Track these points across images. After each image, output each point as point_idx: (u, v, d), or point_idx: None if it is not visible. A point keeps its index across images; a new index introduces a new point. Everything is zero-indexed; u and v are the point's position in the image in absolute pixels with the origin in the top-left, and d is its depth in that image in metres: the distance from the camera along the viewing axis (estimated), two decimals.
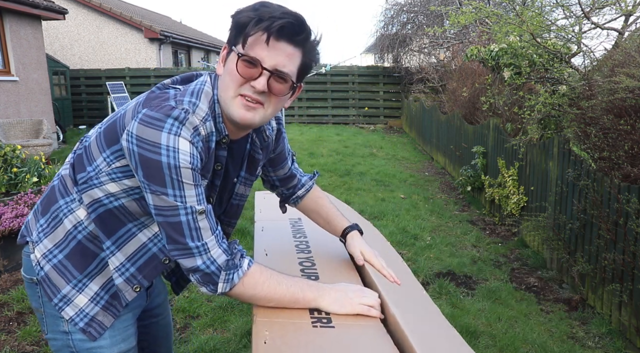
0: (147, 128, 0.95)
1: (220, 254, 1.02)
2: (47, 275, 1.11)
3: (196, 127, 0.99)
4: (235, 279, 1.03)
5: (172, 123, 0.96)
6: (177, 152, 0.95)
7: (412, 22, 12.05)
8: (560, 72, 4.01)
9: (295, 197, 1.46)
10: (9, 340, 2.59)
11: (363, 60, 26.37)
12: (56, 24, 13.11)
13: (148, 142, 0.95)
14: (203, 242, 1.00)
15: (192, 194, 0.98)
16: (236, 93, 1.02)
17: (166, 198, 0.97)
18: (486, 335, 2.70)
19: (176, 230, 0.99)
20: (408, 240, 4.18)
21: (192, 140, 0.98)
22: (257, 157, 1.23)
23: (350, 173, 6.91)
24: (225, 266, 1.02)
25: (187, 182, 0.97)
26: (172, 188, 0.96)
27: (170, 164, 0.95)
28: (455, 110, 6.75)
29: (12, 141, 6.99)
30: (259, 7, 0.99)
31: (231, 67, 1.01)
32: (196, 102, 1.02)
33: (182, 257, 1.00)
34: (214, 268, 1.01)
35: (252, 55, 0.99)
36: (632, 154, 2.76)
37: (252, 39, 0.98)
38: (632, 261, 2.60)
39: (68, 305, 1.11)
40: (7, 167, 4.34)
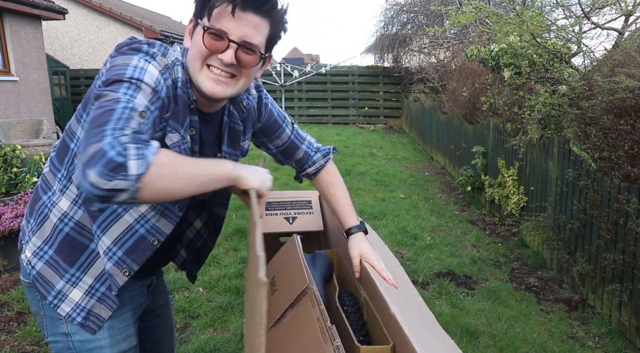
0: (119, 56, 0.95)
1: (127, 134, 0.81)
2: (40, 272, 1.10)
3: (167, 65, 0.99)
4: (149, 156, 0.79)
5: (142, 55, 0.96)
6: (145, 70, 0.93)
7: (412, 22, 12.05)
8: (560, 72, 4.00)
9: (305, 174, 1.43)
10: (9, 340, 2.59)
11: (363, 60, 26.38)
12: (56, 24, 13.11)
13: (117, 64, 0.93)
14: (123, 129, 0.81)
15: (143, 101, 0.88)
16: (203, 64, 1.01)
17: (113, 93, 0.86)
18: (486, 335, 2.70)
19: (102, 118, 0.82)
20: (408, 240, 4.18)
21: (162, 72, 0.97)
22: (238, 129, 1.19)
23: (350, 173, 6.91)
24: (133, 140, 0.79)
25: (144, 92, 0.90)
26: (126, 88, 0.88)
27: (133, 75, 0.90)
28: (455, 110, 6.75)
29: (12, 141, 6.99)
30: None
31: (198, 40, 1.00)
32: (166, 51, 1.03)
33: (88, 144, 0.78)
34: (119, 144, 0.77)
35: (218, 27, 0.97)
36: (632, 154, 2.76)
37: (217, 11, 0.97)
38: (632, 261, 2.60)
39: (63, 301, 1.09)
40: (7, 167, 4.35)
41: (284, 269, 1.41)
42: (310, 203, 1.93)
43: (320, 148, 1.45)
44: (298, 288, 1.20)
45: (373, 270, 1.27)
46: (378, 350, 1.05)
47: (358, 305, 1.32)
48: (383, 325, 1.10)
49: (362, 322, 1.25)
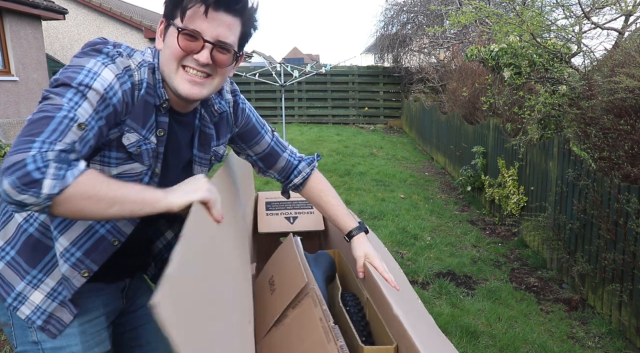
0: (79, 58, 0.94)
1: (54, 151, 0.80)
2: (0, 274, 1.07)
3: (128, 67, 0.98)
4: (68, 178, 0.79)
5: (102, 57, 0.95)
6: (98, 76, 0.92)
7: (412, 22, 12.05)
8: (560, 72, 4.01)
9: (292, 185, 1.40)
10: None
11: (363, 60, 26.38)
12: (56, 24, 13.10)
13: (73, 66, 0.93)
14: (55, 142, 0.80)
15: (88, 111, 0.88)
16: (178, 65, 1.02)
17: (58, 98, 0.86)
18: (486, 335, 2.70)
19: (38, 123, 0.81)
20: (408, 240, 4.18)
21: (119, 75, 0.96)
22: (209, 133, 1.18)
23: (350, 173, 6.91)
24: (56, 159, 0.79)
25: (90, 101, 0.89)
26: (72, 94, 0.88)
27: (83, 81, 0.89)
28: (455, 110, 6.75)
29: (12, 141, 6.99)
30: None
31: (171, 41, 1.00)
32: (132, 52, 1.03)
33: (14, 152, 0.78)
34: (42, 164, 0.77)
35: (192, 27, 0.98)
36: (632, 154, 2.76)
37: (190, 12, 0.97)
38: (632, 261, 2.60)
39: (23, 303, 1.06)
40: None
41: (282, 268, 1.41)
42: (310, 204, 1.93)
43: (303, 157, 1.43)
44: (297, 286, 1.20)
45: (375, 271, 1.27)
46: (381, 351, 1.05)
47: (360, 305, 1.32)
48: (386, 326, 1.10)
49: (365, 322, 1.25)
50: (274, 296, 1.31)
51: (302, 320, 1.12)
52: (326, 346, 0.97)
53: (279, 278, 1.37)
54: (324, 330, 1.02)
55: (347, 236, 1.36)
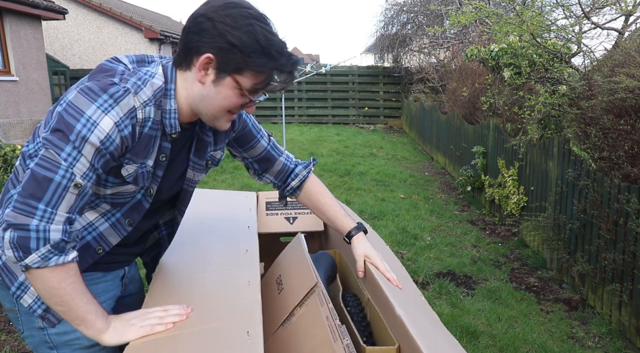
0: (81, 96, 0.95)
1: (57, 230, 0.93)
2: (5, 263, 1.09)
3: (132, 109, 0.98)
4: (51, 262, 0.93)
5: (105, 99, 0.95)
6: (96, 127, 0.94)
7: (412, 22, 12.04)
8: (560, 72, 4.01)
9: (289, 189, 1.40)
10: (9, 340, 2.59)
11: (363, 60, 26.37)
12: (56, 24, 13.10)
13: (75, 108, 0.94)
14: (55, 211, 0.92)
15: (85, 166, 0.95)
16: (226, 112, 1.07)
17: (57, 153, 0.92)
18: (486, 335, 2.70)
19: (40, 184, 0.91)
20: (408, 240, 4.18)
21: (119, 122, 0.96)
22: (206, 140, 1.20)
23: (350, 173, 6.91)
24: (54, 244, 0.92)
25: (87, 156, 0.94)
26: (70, 149, 0.93)
27: (81, 133, 0.93)
28: (455, 110, 6.75)
29: (12, 141, 6.99)
30: (273, 53, 1.00)
31: (230, 97, 1.03)
32: (141, 86, 1.00)
33: (18, 211, 0.90)
34: (42, 238, 0.91)
35: (257, 93, 1.05)
36: (632, 154, 2.76)
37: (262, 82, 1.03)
38: (632, 261, 2.60)
39: (26, 292, 1.09)
40: (7, 167, 4.35)
41: (290, 268, 1.41)
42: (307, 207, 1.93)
43: (299, 162, 1.44)
44: (306, 286, 1.20)
45: (377, 271, 1.27)
46: (384, 351, 1.05)
47: (361, 305, 1.32)
48: (388, 326, 1.10)
49: (366, 323, 1.25)
50: (282, 295, 1.32)
51: (309, 318, 1.12)
52: (332, 345, 0.97)
53: (287, 278, 1.37)
54: (330, 329, 1.02)
55: (347, 237, 1.36)
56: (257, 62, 0.99)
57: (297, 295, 1.22)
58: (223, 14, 0.99)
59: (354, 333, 1.10)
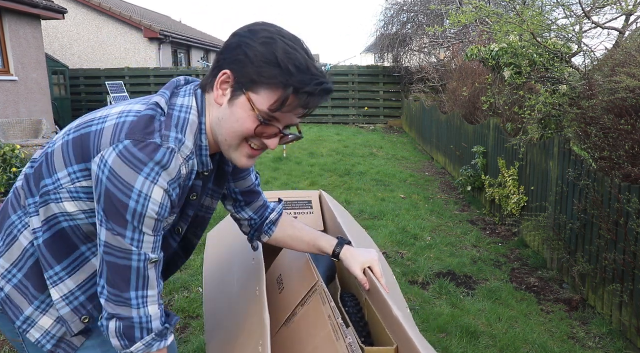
0: (125, 166, 0.88)
1: (157, 316, 0.97)
2: (8, 296, 1.04)
3: (179, 171, 0.93)
4: (153, 348, 0.97)
5: (152, 168, 0.89)
6: (149, 200, 0.90)
7: (412, 22, 12.04)
8: (561, 72, 4.00)
9: (269, 222, 1.32)
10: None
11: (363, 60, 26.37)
12: (55, 23, 13.09)
13: (121, 181, 0.88)
14: (145, 293, 0.94)
15: (150, 242, 0.94)
16: (243, 141, 0.98)
17: (122, 240, 0.91)
18: (486, 336, 2.69)
19: (122, 275, 0.92)
20: (408, 240, 4.17)
21: (168, 189, 0.92)
22: (227, 170, 1.16)
23: (350, 173, 6.90)
24: (158, 333, 0.97)
25: (148, 231, 0.92)
26: (132, 232, 0.91)
27: (136, 211, 0.89)
28: (456, 110, 6.74)
29: (12, 141, 6.98)
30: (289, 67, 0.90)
31: (245, 120, 0.94)
32: (182, 139, 0.94)
33: (115, 303, 0.93)
34: (146, 328, 0.95)
35: (274, 116, 0.94)
36: (632, 154, 2.76)
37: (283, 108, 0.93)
38: (632, 261, 2.59)
39: (33, 327, 1.04)
40: (7, 167, 4.34)
41: (290, 267, 1.40)
42: (310, 204, 1.92)
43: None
44: (307, 285, 1.20)
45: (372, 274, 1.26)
46: (382, 352, 1.05)
47: (360, 306, 1.31)
48: (386, 327, 1.10)
49: (364, 323, 1.25)
50: (284, 295, 1.31)
51: (311, 317, 1.12)
52: (335, 343, 0.97)
53: (288, 277, 1.37)
54: (333, 328, 1.02)
55: (334, 256, 1.29)
56: (270, 74, 0.90)
57: (298, 294, 1.22)
58: (249, 29, 0.94)
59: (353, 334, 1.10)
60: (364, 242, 1.55)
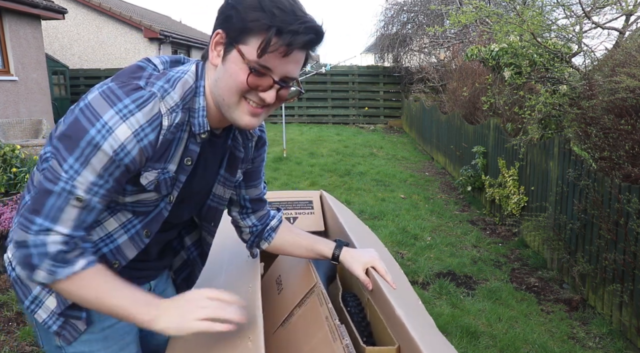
0: (101, 99, 0.88)
1: (56, 242, 0.88)
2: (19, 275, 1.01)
3: (156, 116, 0.90)
4: (58, 275, 0.89)
5: (126, 105, 0.87)
6: (110, 134, 0.86)
7: (412, 22, 12.04)
8: (561, 72, 4.00)
9: (269, 229, 1.30)
10: (9, 340, 2.58)
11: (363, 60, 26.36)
12: (55, 23, 13.09)
13: (92, 111, 0.87)
14: (52, 225, 0.87)
15: (87, 179, 0.87)
16: (240, 98, 0.94)
17: (60, 164, 0.86)
18: (486, 336, 2.69)
19: (42, 198, 0.87)
20: (408, 240, 4.17)
21: (137, 131, 0.88)
22: (238, 155, 1.13)
23: (350, 173, 6.91)
24: (53, 255, 0.88)
25: (94, 166, 0.87)
26: (74, 159, 0.86)
27: (93, 140, 0.85)
28: (456, 110, 6.74)
29: (12, 141, 6.98)
30: (272, 9, 0.88)
31: (236, 72, 0.92)
32: (168, 90, 0.92)
33: (20, 226, 0.88)
34: (41, 254, 0.88)
35: (264, 64, 0.90)
36: (632, 154, 2.76)
37: (269, 52, 0.89)
38: (632, 261, 2.59)
39: (40, 307, 1.04)
40: (7, 167, 4.34)
41: (289, 268, 1.40)
42: (311, 204, 1.92)
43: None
44: (306, 287, 1.20)
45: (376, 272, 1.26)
46: (384, 351, 1.05)
47: (361, 306, 1.31)
48: (388, 327, 1.10)
49: (366, 323, 1.25)
50: (282, 296, 1.31)
51: (308, 318, 1.12)
52: (332, 344, 0.97)
53: (287, 278, 1.37)
54: (330, 329, 1.02)
55: (333, 259, 1.28)
56: (252, 17, 0.88)
57: (296, 295, 1.22)
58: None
59: (354, 334, 1.10)
60: (369, 240, 1.55)
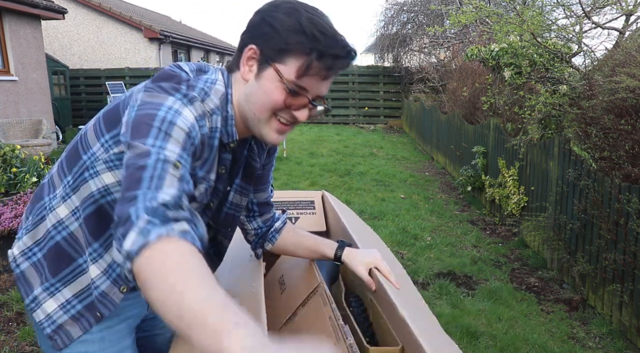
0: (155, 93, 0.87)
1: (162, 200, 0.74)
2: (24, 272, 1.06)
3: (203, 114, 0.92)
4: (151, 233, 0.68)
5: (180, 97, 0.88)
6: (179, 113, 0.85)
7: (412, 22, 12.04)
8: (561, 72, 4.00)
9: (273, 231, 1.31)
10: (9, 340, 2.58)
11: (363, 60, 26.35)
12: (55, 23, 13.09)
13: (151, 103, 0.85)
14: (156, 192, 0.74)
15: (175, 150, 0.82)
16: (272, 115, 0.96)
17: (142, 145, 0.80)
18: (486, 336, 2.70)
19: (134, 177, 0.76)
20: (408, 240, 4.18)
21: (198, 118, 0.89)
22: (254, 165, 1.14)
23: (350, 173, 6.91)
24: (154, 211, 0.71)
25: (176, 138, 0.83)
26: (154, 138, 0.81)
27: (165, 118, 0.83)
28: (456, 110, 6.75)
29: (12, 141, 6.98)
30: (314, 32, 0.89)
31: (271, 90, 0.93)
32: (208, 93, 0.94)
33: (121, 210, 0.73)
34: (141, 209, 0.71)
35: (301, 85, 0.92)
36: (632, 154, 2.76)
37: (309, 74, 0.91)
38: (632, 261, 2.60)
39: (39, 307, 1.04)
40: (7, 167, 4.34)
41: (292, 268, 1.41)
42: (313, 204, 1.92)
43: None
44: (309, 287, 1.20)
45: (379, 272, 1.26)
46: (387, 352, 1.05)
47: (364, 306, 1.31)
48: (391, 327, 1.10)
49: (369, 323, 1.25)
50: (284, 296, 1.31)
51: (312, 318, 1.12)
52: (335, 345, 0.97)
53: (290, 278, 1.37)
54: (333, 329, 1.02)
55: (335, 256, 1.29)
56: (294, 39, 0.90)
57: (300, 295, 1.22)
58: (272, 4, 0.95)
59: (357, 334, 1.10)
60: (371, 240, 1.55)
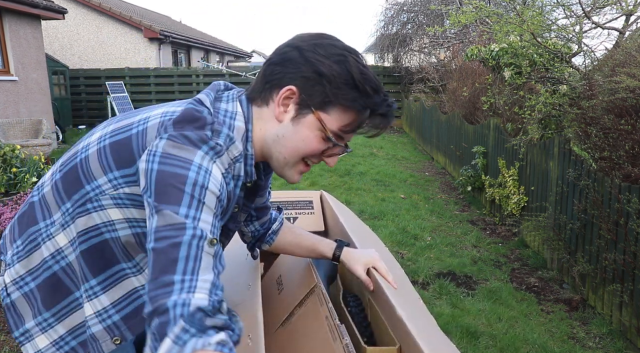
0: (179, 144, 0.80)
1: (202, 300, 0.70)
2: (14, 303, 0.98)
3: (230, 164, 0.88)
4: (187, 346, 0.66)
5: (207, 150, 0.82)
6: (209, 174, 0.80)
7: (412, 22, 12.04)
8: (561, 72, 4.00)
9: (270, 233, 1.29)
10: (9, 340, 2.58)
11: None
12: (55, 23, 13.09)
13: (177, 158, 0.78)
14: (194, 277, 0.71)
15: (209, 221, 0.77)
16: (301, 159, 0.93)
17: (175, 215, 0.74)
18: (486, 336, 2.70)
19: (169, 256, 0.71)
20: (408, 240, 4.18)
21: (225, 174, 0.85)
22: (259, 183, 1.11)
23: (350, 173, 6.91)
24: (191, 318, 0.67)
25: (209, 206, 0.78)
26: (187, 207, 0.75)
27: (197, 181, 0.77)
28: (456, 110, 6.74)
29: (12, 141, 6.98)
30: (367, 89, 0.87)
31: (311, 140, 0.90)
32: (233, 139, 0.88)
33: (154, 295, 0.70)
34: (178, 313, 0.68)
35: (342, 135, 0.91)
36: (632, 154, 2.76)
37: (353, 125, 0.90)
38: (632, 261, 2.60)
39: (29, 341, 0.98)
40: (7, 167, 4.34)
41: (290, 268, 1.41)
42: (311, 204, 1.92)
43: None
44: (306, 287, 1.20)
45: (377, 272, 1.26)
46: (385, 351, 1.05)
47: (362, 306, 1.31)
48: (389, 327, 1.10)
49: (367, 323, 1.25)
50: (282, 296, 1.31)
51: (309, 318, 1.12)
52: (332, 344, 0.97)
53: (287, 278, 1.37)
54: (330, 329, 1.02)
55: (333, 256, 1.28)
56: (348, 96, 0.86)
57: (297, 295, 1.22)
58: (313, 43, 0.89)
59: (355, 334, 1.10)
60: (369, 240, 1.55)
